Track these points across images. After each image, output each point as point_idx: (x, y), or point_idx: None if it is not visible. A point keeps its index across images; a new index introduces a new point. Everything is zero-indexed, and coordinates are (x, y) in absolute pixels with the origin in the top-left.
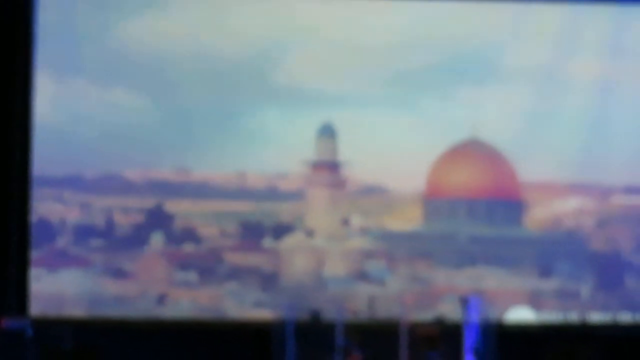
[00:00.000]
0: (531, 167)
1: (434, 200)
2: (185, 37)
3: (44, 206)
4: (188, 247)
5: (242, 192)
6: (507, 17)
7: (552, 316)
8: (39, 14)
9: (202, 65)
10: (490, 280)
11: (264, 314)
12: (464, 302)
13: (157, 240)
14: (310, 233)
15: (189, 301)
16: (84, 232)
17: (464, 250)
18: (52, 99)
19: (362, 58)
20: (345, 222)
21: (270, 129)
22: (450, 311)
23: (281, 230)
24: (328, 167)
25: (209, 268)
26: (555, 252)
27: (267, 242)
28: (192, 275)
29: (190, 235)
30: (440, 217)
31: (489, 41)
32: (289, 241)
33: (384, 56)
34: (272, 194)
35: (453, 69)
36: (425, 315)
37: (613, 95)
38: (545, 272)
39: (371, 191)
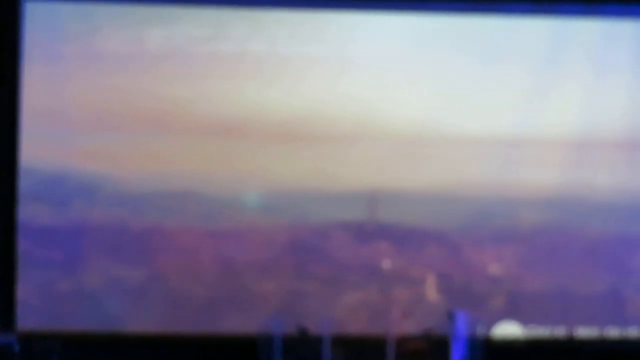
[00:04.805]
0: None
1: None
2: None
3: (32, 218)
4: (181, 262)
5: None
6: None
7: (539, 330)
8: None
9: None
10: None
11: (252, 327)
12: (451, 316)
13: (148, 254)
14: None
15: (178, 314)
16: (74, 245)
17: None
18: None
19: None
20: None
21: None
22: (437, 325)
23: None
24: None
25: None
26: None
27: None
28: (185, 288)
29: (182, 250)
30: None
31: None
32: None
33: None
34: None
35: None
36: (412, 329)
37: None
38: None
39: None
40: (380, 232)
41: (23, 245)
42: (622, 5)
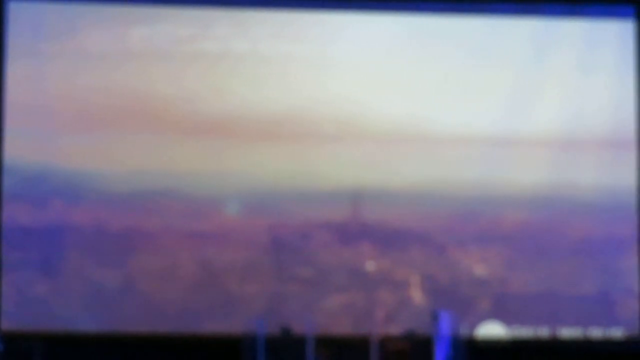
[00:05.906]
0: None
1: None
2: None
3: (15, 216)
4: (161, 262)
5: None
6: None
7: (523, 331)
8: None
9: None
10: None
11: (233, 329)
12: (435, 316)
13: (133, 255)
14: None
15: (159, 315)
16: (56, 244)
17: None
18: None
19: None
20: None
21: None
22: (421, 325)
23: None
24: None
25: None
26: None
27: None
28: (165, 289)
29: (162, 250)
30: None
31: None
32: None
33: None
34: None
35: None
36: (396, 329)
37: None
38: None
39: None
40: (364, 232)
41: (3, 244)
42: (605, 6)
